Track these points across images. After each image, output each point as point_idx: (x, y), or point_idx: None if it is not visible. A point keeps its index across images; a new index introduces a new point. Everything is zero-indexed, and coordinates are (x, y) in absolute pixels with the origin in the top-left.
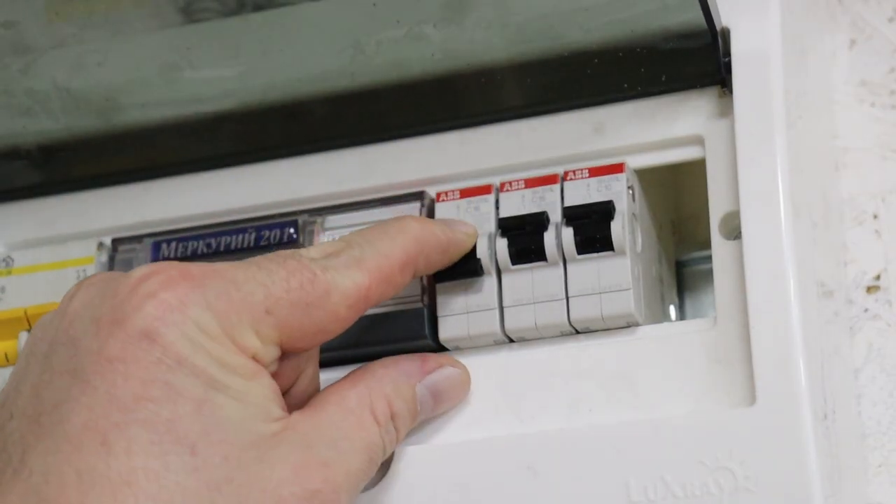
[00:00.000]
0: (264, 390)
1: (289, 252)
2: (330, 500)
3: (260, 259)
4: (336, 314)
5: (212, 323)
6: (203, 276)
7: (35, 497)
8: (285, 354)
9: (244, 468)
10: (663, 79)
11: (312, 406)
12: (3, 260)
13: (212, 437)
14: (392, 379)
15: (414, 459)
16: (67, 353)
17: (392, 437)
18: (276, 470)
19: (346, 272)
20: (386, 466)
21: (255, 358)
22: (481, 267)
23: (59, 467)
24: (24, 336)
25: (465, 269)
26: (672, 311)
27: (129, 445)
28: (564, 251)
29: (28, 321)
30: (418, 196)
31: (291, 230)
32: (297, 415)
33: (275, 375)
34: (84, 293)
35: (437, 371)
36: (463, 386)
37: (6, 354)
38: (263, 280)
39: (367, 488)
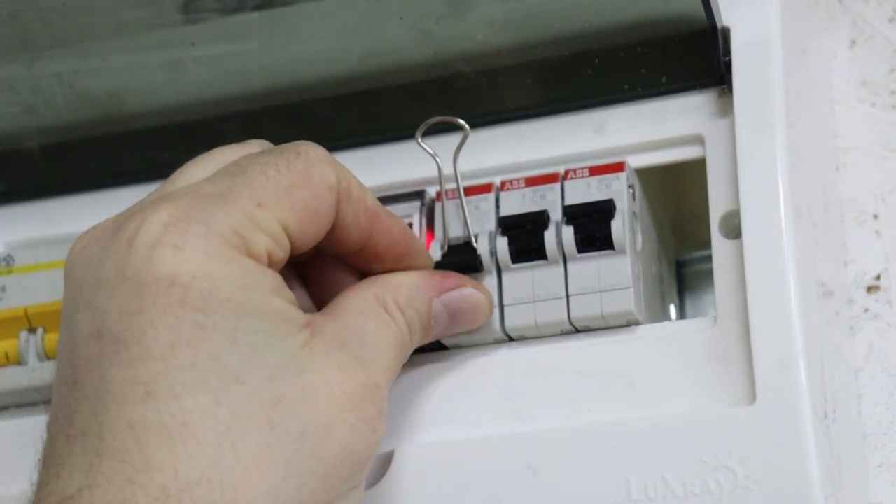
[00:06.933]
0: (286, 300)
1: (256, 153)
2: (375, 395)
3: (230, 166)
4: (319, 193)
5: (220, 246)
6: (189, 205)
7: (94, 455)
8: (293, 256)
9: (291, 382)
10: (664, 79)
11: (329, 311)
12: (4, 259)
13: (252, 362)
14: (407, 289)
15: (414, 458)
16: (85, 318)
17: (411, 339)
18: (321, 375)
19: (317, 157)
20: (386, 466)
21: (270, 257)
22: (481, 265)
23: (110, 423)
24: (24, 335)
25: (466, 266)
26: (672, 310)
27: (174, 390)
28: (565, 250)
29: (28, 320)
30: (418, 195)
31: None
32: (318, 319)
33: (290, 284)
34: (83, 255)
35: (457, 290)
36: (482, 309)
37: (6, 353)
38: (243, 181)
39: (366, 487)
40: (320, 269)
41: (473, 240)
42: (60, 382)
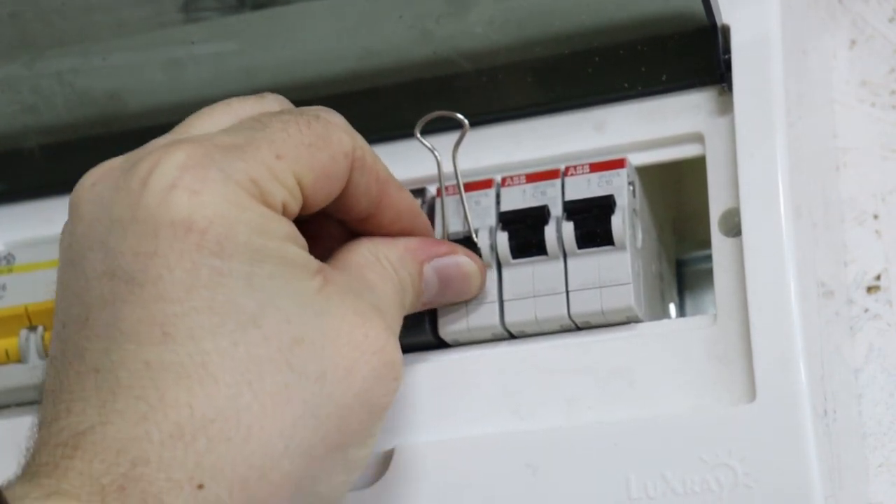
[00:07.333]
0: (299, 247)
1: (276, 111)
2: (395, 341)
3: (248, 121)
4: (336, 157)
5: (237, 192)
6: (206, 151)
7: (109, 393)
8: (305, 211)
9: (309, 325)
10: (664, 77)
11: (333, 264)
12: (5, 258)
13: (269, 305)
14: (398, 249)
15: (412, 456)
16: (97, 256)
17: (406, 299)
18: (341, 319)
19: (336, 123)
20: (385, 464)
21: (285, 208)
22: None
23: (125, 362)
24: (24, 333)
25: None
26: (672, 309)
27: (192, 332)
28: (565, 245)
29: (29, 318)
30: (419, 193)
31: None
32: (328, 269)
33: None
34: (92, 193)
35: (449, 256)
36: (474, 278)
37: (7, 351)
38: (263, 135)
39: (365, 485)
40: (320, 231)
41: (474, 234)
42: (68, 320)
